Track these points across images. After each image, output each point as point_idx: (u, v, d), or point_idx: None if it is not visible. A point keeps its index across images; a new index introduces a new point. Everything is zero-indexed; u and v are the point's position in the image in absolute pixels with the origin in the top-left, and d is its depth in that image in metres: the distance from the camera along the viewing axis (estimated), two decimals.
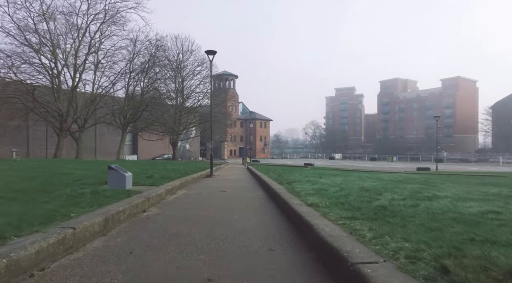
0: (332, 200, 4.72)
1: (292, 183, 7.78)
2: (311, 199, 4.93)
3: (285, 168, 23.16)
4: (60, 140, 22.03)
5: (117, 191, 5.89)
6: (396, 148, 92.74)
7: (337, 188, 6.22)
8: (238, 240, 3.44)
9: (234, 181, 11.97)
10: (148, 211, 5.36)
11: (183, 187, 8.83)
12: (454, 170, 33.27)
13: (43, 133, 33.69)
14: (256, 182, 11.17)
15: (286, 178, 9.50)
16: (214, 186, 9.65)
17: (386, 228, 3.01)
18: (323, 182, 7.85)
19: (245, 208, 5.53)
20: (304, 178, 9.16)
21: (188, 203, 6.19)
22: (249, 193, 7.92)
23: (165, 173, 10.68)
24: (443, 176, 14.67)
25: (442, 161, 60.34)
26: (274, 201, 6.24)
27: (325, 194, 5.54)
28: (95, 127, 37.89)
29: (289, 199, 5.04)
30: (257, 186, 9.60)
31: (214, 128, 46.13)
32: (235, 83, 73.74)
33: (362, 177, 10.53)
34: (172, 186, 7.68)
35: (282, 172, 13.08)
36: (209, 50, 15.00)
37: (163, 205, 5.99)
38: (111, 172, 6.63)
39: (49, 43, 21.83)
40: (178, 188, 8.27)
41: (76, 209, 4.11)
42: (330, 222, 3.35)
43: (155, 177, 9.26)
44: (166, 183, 7.93)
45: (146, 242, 3.41)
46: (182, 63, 33.51)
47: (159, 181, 8.16)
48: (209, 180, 12.14)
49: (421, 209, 4.02)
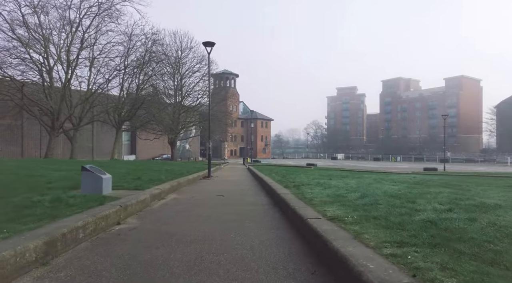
0: (359, 212, 3.62)
1: (300, 186, 6.67)
2: (330, 210, 3.83)
3: (288, 168, 22.07)
4: (51, 139, 20.92)
5: (88, 198, 4.80)
6: (399, 148, 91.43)
7: (358, 194, 5.11)
8: (234, 278, 2.34)
9: (234, 183, 10.87)
10: (123, 223, 4.28)
11: (175, 191, 7.73)
12: (463, 170, 32.10)
13: (37, 132, 32.64)
14: (258, 184, 10.06)
15: (291, 180, 8.40)
16: (210, 189, 8.55)
17: (468, 266, 1.90)
18: (336, 185, 6.74)
19: (245, 220, 4.43)
20: (312, 180, 8.06)
21: (176, 212, 5.10)
22: (250, 198, 6.82)
23: (156, 175, 9.59)
24: (460, 178, 13.54)
25: (448, 161, 59.10)
26: (280, 209, 5.14)
27: (346, 202, 4.43)
28: (92, 126, 36.80)
29: (301, 210, 3.94)
30: (259, 190, 8.50)
31: (214, 128, 45.06)
32: (235, 82, 72.65)
33: (377, 179, 9.41)
34: (160, 190, 6.59)
35: (285, 173, 11.97)
36: (207, 42, 13.92)
37: (145, 214, 4.89)
38: (85, 174, 5.54)
39: (41, 38, 20.76)
40: (168, 192, 7.18)
41: (14, 225, 3.01)
42: (371, 252, 2.24)
43: (143, 179, 8.17)
44: (154, 187, 6.85)
45: (100, 279, 2.32)
46: (181, 60, 32.42)
47: (146, 184, 7.08)
48: (207, 182, 11.05)
49: (488, 227, 2.91)
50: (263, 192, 7.81)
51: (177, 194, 7.28)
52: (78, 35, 21.42)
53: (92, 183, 5.49)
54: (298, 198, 4.99)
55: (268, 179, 9.46)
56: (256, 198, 6.76)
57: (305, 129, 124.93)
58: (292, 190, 6.18)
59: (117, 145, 24.33)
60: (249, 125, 70.88)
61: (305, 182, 7.71)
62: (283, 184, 7.62)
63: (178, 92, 32.12)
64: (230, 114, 49.32)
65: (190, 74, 32.18)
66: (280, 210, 5.12)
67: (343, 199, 4.70)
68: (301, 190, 6.03)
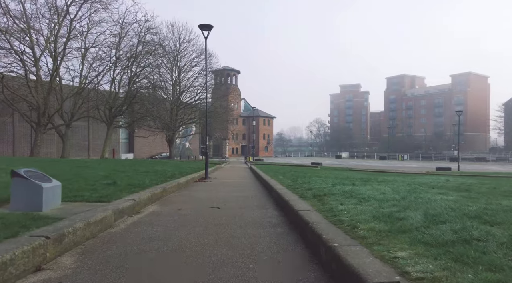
0: (463, 263, 1.89)
1: (323, 197, 4.95)
2: (403, 255, 2.12)
3: (293, 168, 20.39)
4: (37, 136, 19.26)
5: (7, 220, 3.12)
6: (404, 147, 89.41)
7: (418, 214, 3.37)
8: None
9: (234, 187, 9.16)
10: (48, 267, 2.59)
11: (157, 200, 6.04)
12: (478, 170, 30.31)
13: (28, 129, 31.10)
14: (263, 189, 8.35)
15: (306, 186, 6.69)
16: (204, 197, 6.84)
17: None
18: (370, 195, 5.02)
19: (249, 261, 2.72)
20: (334, 187, 6.34)
21: (145, 241, 3.40)
22: (255, 212, 5.12)
23: (140, 178, 7.90)
24: (493, 180, 11.78)
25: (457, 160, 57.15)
26: (301, 237, 3.44)
27: (414, 231, 2.72)
28: (87, 124, 35.21)
29: (351, 255, 2.21)
30: (265, 198, 6.79)
31: (215, 125, 43.34)
32: (237, 79, 70.87)
33: (410, 183, 7.68)
34: (134, 201, 4.89)
35: (295, 176, 10.25)
36: (204, 24, 12.20)
37: (96, 245, 3.20)
38: (18, 183, 3.84)
39: (25, 27, 19.09)
40: (147, 203, 5.49)
41: None
42: None
43: (119, 184, 6.48)
44: (127, 196, 5.15)
45: None
46: (179, 54, 30.69)
47: (117, 193, 5.38)
48: (202, 185, 9.35)
49: None
50: (270, 202, 6.10)
51: (159, 206, 5.58)
52: (66, 23, 19.70)
53: (28, 195, 3.81)
54: (331, 221, 3.26)
55: (275, 183, 7.75)
56: (262, 212, 5.05)
57: (308, 127, 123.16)
58: (313, 204, 4.46)
59: (108, 142, 22.58)
60: (251, 122, 69.21)
61: (325, 189, 5.99)
62: (296, 192, 5.91)
63: (176, 87, 30.39)
64: (231, 110, 47.57)
65: (189, 68, 30.44)
66: (301, 238, 3.41)
67: (404, 224, 2.97)
68: (327, 204, 4.31)
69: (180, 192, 7.55)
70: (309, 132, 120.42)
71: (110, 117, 22.53)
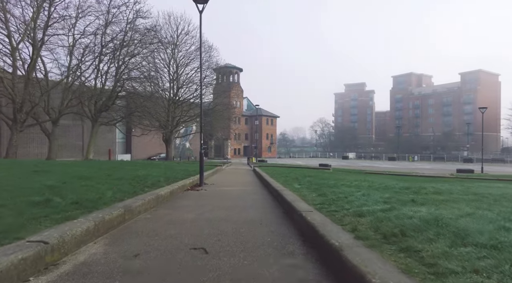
0: None
1: (402, 239, 2.61)
2: None
3: (302, 171, 18.05)
4: (13, 134, 17.06)
5: None
6: (411, 147, 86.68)
7: None
8: None
9: (235, 200, 6.79)
10: None
11: (111, 229, 3.71)
12: (504, 172, 27.85)
13: None
14: (276, 205, 6.00)
15: (347, 206, 4.36)
16: (189, 219, 4.49)
17: None
18: (445, 222, 2.67)
19: None
20: (391, 207, 4.00)
21: None
22: (271, 260, 2.78)
23: (101, 190, 5.60)
24: None
25: (472, 161, 54.55)
26: None
27: None
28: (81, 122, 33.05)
29: None
30: (283, 222, 4.43)
31: (216, 124, 41.05)
32: (239, 77, 68.58)
33: (465, 191, 5.32)
34: (45, 244, 2.57)
35: (313, 183, 7.91)
36: None
37: None
38: None
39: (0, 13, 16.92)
40: (85, 239, 3.16)
41: None
42: None
43: (58, 202, 4.18)
44: (44, 231, 2.84)
45: None
46: (177, 47, 28.44)
47: (30, 223, 3.08)
48: (192, 197, 7.04)
49: None
50: (294, 234, 3.72)
51: (106, 244, 3.26)
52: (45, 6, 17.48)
53: None
54: None
55: (294, 198, 5.41)
56: (286, 264, 2.71)
57: (312, 127, 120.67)
58: (400, 261, 2.13)
59: (93, 141, 20.26)
60: (254, 122, 66.92)
61: (388, 215, 3.66)
62: (341, 221, 3.58)
63: (173, 83, 28.15)
64: (233, 108, 45.19)
65: (187, 61, 28.18)
66: None
67: None
68: (439, 268, 1.97)
69: (156, 210, 5.24)
70: (313, 132, 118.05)
71: (95, 113, 20.22)
